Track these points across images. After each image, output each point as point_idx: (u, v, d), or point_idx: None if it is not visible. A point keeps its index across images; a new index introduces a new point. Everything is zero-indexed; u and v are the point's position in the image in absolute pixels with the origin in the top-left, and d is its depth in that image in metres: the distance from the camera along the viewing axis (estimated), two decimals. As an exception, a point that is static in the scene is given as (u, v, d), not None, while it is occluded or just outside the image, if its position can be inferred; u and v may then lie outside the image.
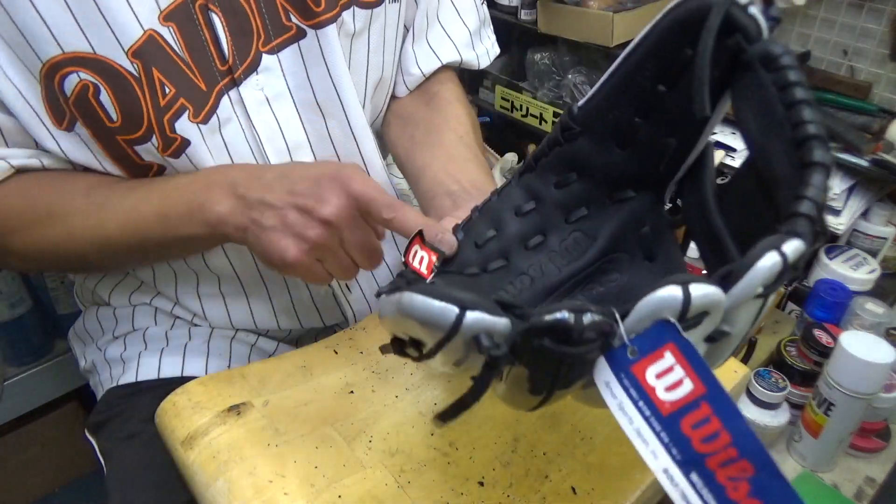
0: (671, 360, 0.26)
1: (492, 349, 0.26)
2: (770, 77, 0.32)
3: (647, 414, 0.27)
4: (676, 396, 0.26)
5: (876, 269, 1.01)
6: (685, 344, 0.26)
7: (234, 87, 0.53)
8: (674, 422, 0.26)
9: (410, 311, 0.27)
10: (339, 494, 0.42)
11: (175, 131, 0.51)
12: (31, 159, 0.52)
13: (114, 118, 0.49)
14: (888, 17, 1.09)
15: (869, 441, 0.90)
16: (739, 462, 0.25)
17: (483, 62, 0.72)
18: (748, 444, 0.25)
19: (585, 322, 0.26)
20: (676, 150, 0.40)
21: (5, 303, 1.05)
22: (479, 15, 0.71)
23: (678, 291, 0.26)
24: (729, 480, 0.25)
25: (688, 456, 0.26)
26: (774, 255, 0.26)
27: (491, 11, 1.36)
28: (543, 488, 0.45)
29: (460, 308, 0.26)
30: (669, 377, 0.26)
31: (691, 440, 0.26)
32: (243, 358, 0.65)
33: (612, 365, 0.27)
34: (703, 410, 0.26)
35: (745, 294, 0.26)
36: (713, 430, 0.25)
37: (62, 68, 0.47)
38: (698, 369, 0.26)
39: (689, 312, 0.26)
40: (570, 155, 0.44)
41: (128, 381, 0.63)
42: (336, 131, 0.59)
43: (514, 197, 0.46)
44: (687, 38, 0.36)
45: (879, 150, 0.98)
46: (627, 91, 0.39)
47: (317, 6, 0.53)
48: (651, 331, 0.26)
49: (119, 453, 0.59)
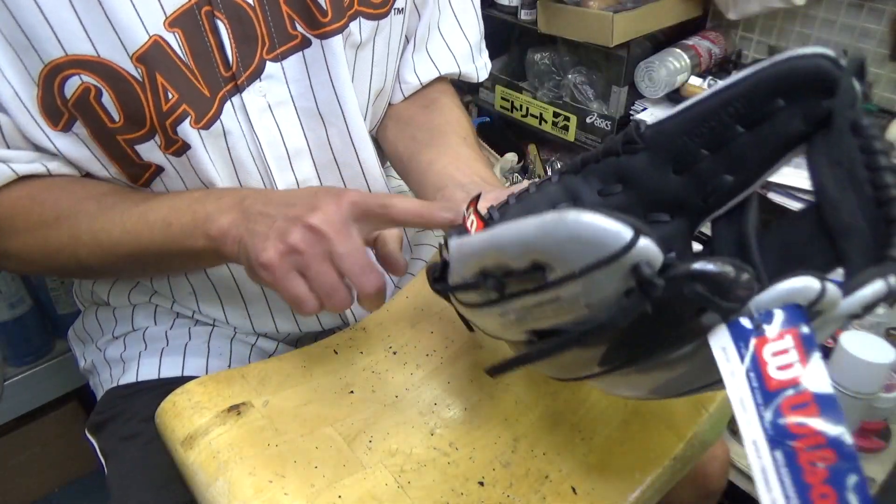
0: (790, 342, 0.28)
1: (651, 277, 0.27)
2: (856, 141, 0.35)
3: (755, 386, 0.28)
4: (785, 377, 0.28)
5: (876, 269, 1.01)
6: (807, 331, 0.28)
7: (237, 93, 0.53)
8: (775, 398, 0.28)
9: (578, 227, 0.27)
10: (339, 494, 0.42)
11: (177, 134, 0.51)
12: (35, 164, 0.52)
13: (116, 119, 0.49)
14: (888, 17, 1.09)
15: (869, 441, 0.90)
16: (825, 450, 0.27)
17: (482, 75, 0.73)
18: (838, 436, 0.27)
19: (742, 279, 0.27)
20: (729, 188, 0.42)
21: (5, 303, 1.05)
22: (480, 29, 0.71)
23: (817, 284, 0.28)
24: (809, 464, 0.27)
25: (779, 432, 0.28)
26: (881, 284, 0.29)
27: (491, 11, 1.37)
28: (543, 488, 0.45)
29: (635, 231, 0.27)
30: (783, 358, 0.28)
31: (787, 420, 0.27)
32: (243, 358, 0.65)
33: (733, 333, 0.29)
34: (804, 395, 0.27)
35: (852, 308, 0.29)
36: (809, 414, 0.27)
37: (63, 70, 0.47)
38: (812, 358, 0.28)
39: (816, 306, 0.28)
40: (623, 167, 0.44)
41: (128, 381, 0.63)
42: (336, 139, 0.60)
43: (552, 193, 0.46)
44: (784, 91, 0.38)
45: (879, 150, 0.98)
46: (705, 123, 0.41)
47: (323, 16, 0.53)
48: (781, 311, 0.28)
49: (119, 453, 0.59)
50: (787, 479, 0.27)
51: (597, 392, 0.51)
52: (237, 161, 0.55)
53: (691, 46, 1.21)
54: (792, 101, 0.38)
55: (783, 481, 0.27)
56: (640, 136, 0.43)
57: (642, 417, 0.49)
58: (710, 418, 0.49)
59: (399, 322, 0.56)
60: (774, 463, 0.27)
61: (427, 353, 0.53)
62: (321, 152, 0.60)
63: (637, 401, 0.50)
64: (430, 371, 0.52)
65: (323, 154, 0.60)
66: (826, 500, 0.26)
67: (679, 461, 0.47)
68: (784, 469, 0.27)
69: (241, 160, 0.56)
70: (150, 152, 0.52)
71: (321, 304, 0.44)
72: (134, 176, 0.55)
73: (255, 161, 0.56)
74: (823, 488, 0.26)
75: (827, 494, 0.26)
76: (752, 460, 0.28)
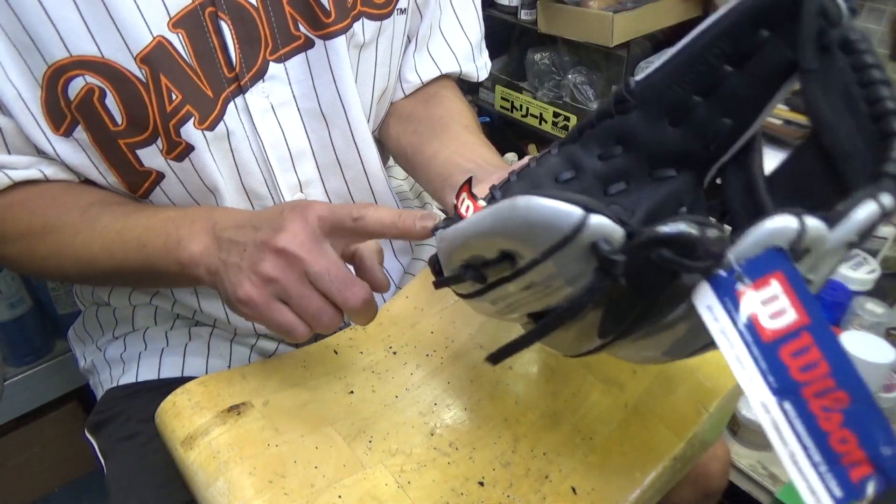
0: (777, 288, 0.26)
1: (612, 254, 0.26)
2: (847, 59, 0.34)
3: (749, 340, 0.27)
4: (779, 325, 0.26)
5: (876, 269, 1.01)
6: (793, 273, 0.26)
7: (240, 94, 0.53)
8: (773, 349, 0.26)
9: (528, 213, 0.27)
10: (339, 494, 0.42)
11: (180, 136, 0.51)
12: (31, 169, 0.52)
13: (118, 121, 0.49)
14: (888, 17, 1.09)
15: (869, 441, 0.90)
16: (836, 392, 0.25)
17: (482, 75, 0.72)
18: (847, 375, 0.25)
19: (709, 236, 0.26)
20: (729, 132, 0.41)
21: (5, 303, 1.05)
22: (480, 28, 0.71)
23: (794, 222, 0.26)
24: (822, 410, 0.25)
25: (783, 384, 0.26)
26: (872, 204, 0.27)
27: (491, 11, 1.37)
28: (543, 488, 0.45)
29: (585, 209, 0.26)
30: (774, 305, 0.26)
31: (789, 368, 0.26)
32: (244, 358, 0.65)
33: (716, 289, 0.27)
34: (803, 340, 0.26)
35: (844, 237, 0.27)
36: (812, 360, 0.26)
37: (67, 71, 0.47)
38: (803, 299, 0.26)
39: (801, 244, 0.26)
40: (619, 128, 0.44)
41: (128, 381, 0.63)
42: (338, 140, 0.60)
43: (553, 165, 0.46)
44: (766, 20, 0.37)
45: (879, 150, 0.98)
46: (692, 69, 0.40)
47: (327, 17, 0.53)
48: (761, 258, 0.26)
49: (119, 453, 0.59)
50: (801, 430, 0.26)
51: (597, 392, 0.51)
52: (240, 162, 0.55)
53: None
54: (775, 30, 0.37)
55: (798, 432, 0.26)
56: (631, 94, 0.42)
57: (642, 417, 0.49)
58: (710, 418, 0.49)
59: (399, 322, 0.56)
60: (785, 416, 0.26)
61: (427, 353, 0.53)
62: (324, 153, 0.60)
63: (636, 400, 0.50)
64: (430, 371, 0.52)
65: (325, 155, 0.60)
66: (847, 445, 0.25)
67: (679, 461, 0.47)
68: (797, 420, 0.26)
69: (244, 161, 0.56)
70: (151, 158, 0.52)
71: (310, 327, 0.43)
72: (134, 185, 0.54)
73: (258, 162, 0.56)
74: (842, 432, 0.25)
75: (846, 439, 0.25)
76: (761, 417, 0.26)
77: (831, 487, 0.25)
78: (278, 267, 0.41)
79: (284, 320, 0.42)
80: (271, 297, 0.42)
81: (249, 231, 0.43)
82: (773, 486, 0.88)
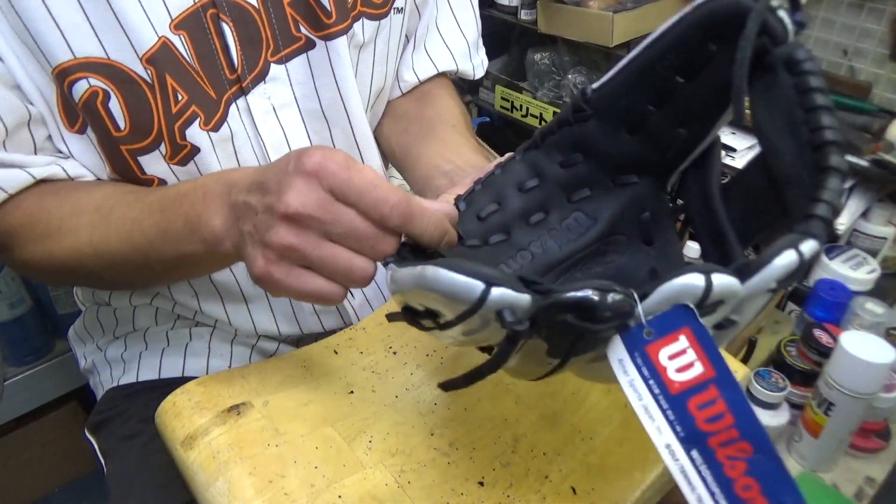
0: (685, 343, 0.27)
1: (515, 324, 0.27)
2: (791, 80, 0.33)
3: (657, 392, 0.28)
4: (686, 377, 0.27)
5: (876, 269, 1.01)
6: (701, 329, 0.27)
7: (241, 95, 0.53)
8: (681, 401, 0.27)
9: (434, 285, 0.28)
10: (339, 494, 0.42)
11: (185, 138, 0.51)
12: (52, 166, 0.51)
13: (121, 126, 0.49)
14: (888, 17, 1.09)
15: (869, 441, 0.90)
16: (740, 443, 0.26)
17: (478, 73, 0.72)
18: (750, 427, 0.26)
19: (609, 301, 0.27)
20: (685, 141, 0.41)
21: (5, 303, 1.05)
22: (477, 27, 0.71)
23: (701, 280, 0.27)
24: (727, 459, 0.27)
25: (691, 434, 0.27)
26: (792, 254, 0.27)
27: (491, 11, 1.37)
28: (543, 488, 0.45)
29: (486, 283, 0.27)
30: (682, 359, 0.28)
31: (696, 419, 0.27)
32: (244, 358, 0.65)
33: (626, 343, 0.28)
34: (710, 392, 0.27)
35: (760, 287, 0.28)
36: (718, 412, 0.27)
37: (71, 74, 0.47)
38: (710, 354, 0.27)
39: (708, 300, 0.27)
40: (578, 136, 0.44)
41: (128, 381, 0.63)
42: (340, 139, 0.60)
43: (517, 172, 0.46)
44: (713, 34, 0.36)
45: (879, 150, 0.98)
46: (645, 79, 0.40)
47: (328, 18, 0.53)
48: (669, 314, 0.27)
49: (119, 453, 0.59)
50: (708, 477, 0.27)
51: (597, 392, 0.51)
52: (244, 163, 0.55)
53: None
54: (723, 44, 0.36)
55: (705, 479, 0.27)
56: (587, 102, 0.42)
57: (642, 417, 0.49)
58: (710, 418, 0.49)
59: (399, 322, 0.56)
60: (693, 463, 0.27)
61: (427, 354, 0.53)
62: None
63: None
64: (430, 371, 0.52)
65: None
66: (750, 492, 0.26)
67: (679, 461, 0.47)
68: (703, 467, 0.27)
69: (247, 163, 0.56)
70: (153, 164, 0.52)
71: (344, 286, 0.38)
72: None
73: (260, 163, 0.56)
74: (745, 480, 0.26)
75: (750, 486, 0.26)
76: (669, 464, 0.27)
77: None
78: (291, 233, 0.36)
79: (312, 287, 0.38)
80: (290, 267, 0.37)
81: (259, 191, 0.38)
82: (773, 486, 0.88)
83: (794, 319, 1.05)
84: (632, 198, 0.44)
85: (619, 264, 0.44)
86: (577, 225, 0.46)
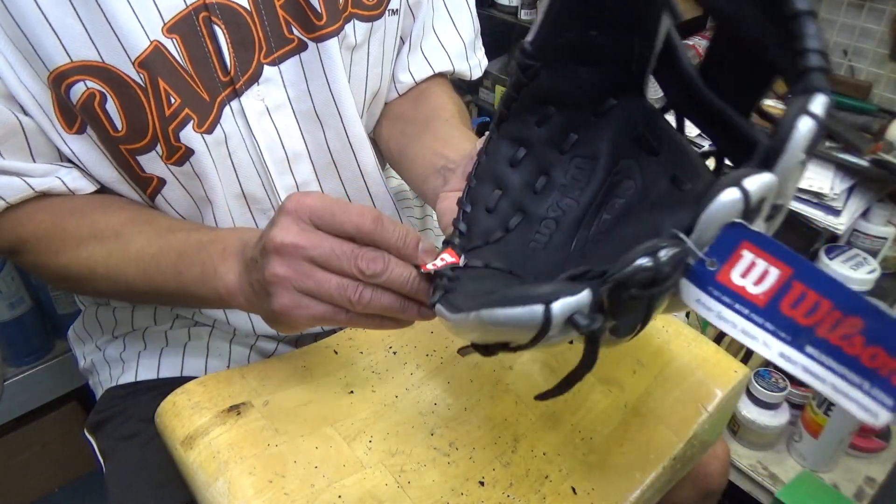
0: (750, 256, 0.27)
1: (590, 325, 0.27)
2: None
3: (746, 312, 0.27)
4: (768, 286, 0.27)
5: (876, 269, 1.01)
6: (759, 237, 0.27)
7: (235, 97, 0.53)
8: (773, 309, 0.27)
9: (496, 324, 0.28)
10: (339, 494, 0.42)
11: (179, 140, 0.51)
12: (50, 177, 0.51)
13: (119, 127, 0.50)
14: (888, 17, 1.09)
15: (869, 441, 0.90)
16: (846, 320, 0.26)
17: (475, 73, 0.72)
18: (849, 302, 0.26)
19: (663, 259, 0.26)
20: (641, 45, 0.40)
21: (5, 303, 1.05)
22: (474, 27, 0.71)
23: (737, 193, 0.26)
24: (843, 339, 0.26)
25: (797, 333, 0.26)
26: (808, 121, 0.26)
27: (491, 11, 1.37)
28: (543, 488, 0.45)
29: (545, 303, 0.27)
30: (754, 272, 0.27)
31: (795, 318, 0.26)
32: (242, 358, 0.65)
33: (696, 283, 0.28)
34: (797, 289, 0.26)
35: (791, 166, 0.27)
36: (813, 303, 0.26)
37: (69, 77, 0.47)
38: (779, 254, 0.26)
39: (751, 206, 0.26)
40: (538, 91, 0.43)
41: (127, 380, 0.63)
42: (334, 141, 0.60)
43: (502, 150, 0.46)
44: None
45: (879, 150, 0.98)
46: (573, 8, 0.39)
47: (318, 20, 0.54)
48: (723, 237, 0.27)
49: (118, 453, 0.59)
50: (832, 364, 0.26)
51: (597, 392, 0.51)
52: (238, 165, 0.56)
53: (691, 46, 1.21)
54: None
55: (831, 368, 0.26)
56: (530, 57, 0.42)
57: (642, 417, 0.49)
58: (710, 418, 0.49)
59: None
60: (812, 358, 0.26)
61: (427, 353, 0.53)
62: (320, 155, 0.60)
63: (636, 400, 0.50)
64: (430, 371, 0.52)
65: (321, 156, 0.60)
66: (878, 360, 0.25)
67: (679, 461, 0.47)
68: (823, 356, 0.26)
69: (242, 165, 0.56)
70: (151, 164, 0.52)
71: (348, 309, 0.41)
72: (141, 187, 0.55)
73: (255, 165, 0.56)
74: (869, 350, 0.26)
75: (876, 354, 0.25)
76: (791, 369, 0.27)
77: (882, 399, 0.25)
78: (282, 263, 0.39)
79: (316, 313, 0.40)
80: (297, 297, 0.40)
81: (258, 244, 0.42)
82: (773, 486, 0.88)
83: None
84: (619, 120, 0.44)
85: (637, 188, 0.43)
86: (580, 172, 0.45)
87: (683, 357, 0.53)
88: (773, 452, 0.92)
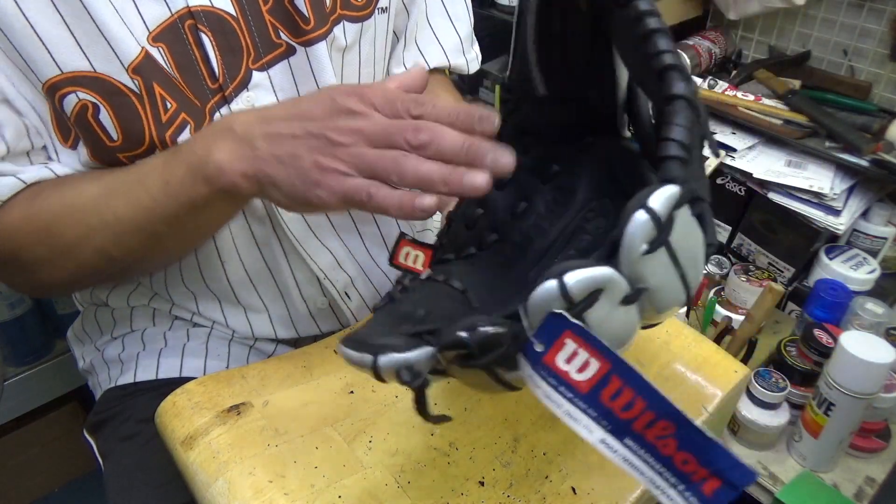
0: (573, 345, 0.28)
1: (411, 382, 0.29)
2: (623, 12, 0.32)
3: (570, 396, 0.28)
4: (589, 375, 0.28)
5: (876, 269, 1.01)
6: (579, 329, 0.27)
7: (224, 104, 0.53)
8: (595, 397, 0.28)
9: (347, 360, 0.30)
10: (339, 494, 0.42)
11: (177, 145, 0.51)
12: (42, 169, 0.51)
13: (114, 137, 0.49)
14: (888, 17, 1.09)
15: (869, 441, 0.90)
16: (659, 422, 0.27)
17: (472, 67, 0.72)
18: (661, 406, 0.27)
19: (475, 336, 0.28)
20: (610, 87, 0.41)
21: (5, 303, 1.05)
22: (470, 21, 0.71)
23: (554, 285, 0.27)
24: (657, 439, 0.27)
25: (616, 425, 0.28)
26: (643, 214, 0.27)
27: (491, 11, 1.37)
28: (543, 488, 0.45)
29: (373, 354, 0.29)
30: (577, 360, 0.28)
31: (614, 410, 0.27)
32: (241, 359, 0.65)
33: (528, 359, 0.29)
34: (615, 383, 0.27)
35: (630, 259, 0.27)
36: (629, 399, 0.27)
37: (60, 88, 0.47)
38: (598, 348, 0.27)
39: (576, 298, 0.27)
40: (519, 124, 0.44)
41: (126, 381, 0.63)
42: None
43: None
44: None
45: (879, 150, 0.98)
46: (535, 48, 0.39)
47: (306, 24, 0.53)
48: (547, 323, 0.28)
49: (117, 453, 0.59)
50: (649, 459, 0.27)
51: (597, 392, 0.51)
52: None
53: (691, 46, 1.21)
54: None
55: (647, 461, 0.27)
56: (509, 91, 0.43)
57: (642, 417, 0.49)
58: (710, 418, 0.49)
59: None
60: (630, 450, 0.28)
61: (427, 353, 0.53)
62: None
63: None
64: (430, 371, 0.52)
65: None
66: (690, 465, 0.27)
67: (679, 461, 0.47)
68: (641, 451, 0.27)
69: None
70: None
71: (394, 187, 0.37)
72: None
73: None
74: (681, 455, 0.27)
75: (687, 460, 0.27)
76: (612, 457, 0.28)
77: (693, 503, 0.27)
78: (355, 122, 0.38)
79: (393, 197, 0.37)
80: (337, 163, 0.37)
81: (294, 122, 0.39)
82: (773, 486, 0.88)
83: (794, 319, 1.05)
84: (596, 157, 0.45)
85: (605, 228, 0.44)
86: (557, 202, 0.46)
87: (683, 357, 0.53)
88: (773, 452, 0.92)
